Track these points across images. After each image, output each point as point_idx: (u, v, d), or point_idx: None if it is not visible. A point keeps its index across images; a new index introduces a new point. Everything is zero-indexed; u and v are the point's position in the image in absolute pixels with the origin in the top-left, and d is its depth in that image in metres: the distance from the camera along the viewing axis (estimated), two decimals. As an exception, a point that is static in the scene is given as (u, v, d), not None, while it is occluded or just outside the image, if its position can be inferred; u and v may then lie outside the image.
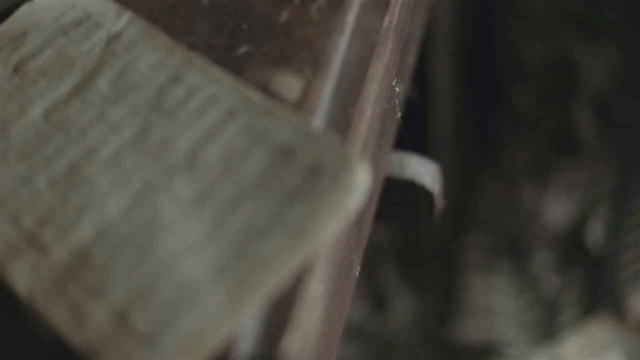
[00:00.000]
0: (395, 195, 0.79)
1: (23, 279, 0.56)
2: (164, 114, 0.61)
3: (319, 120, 0.61)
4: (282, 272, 0.54)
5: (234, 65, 0.63)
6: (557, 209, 1.30)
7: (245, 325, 0.54)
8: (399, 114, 0.76)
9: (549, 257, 1.29)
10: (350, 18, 0.66)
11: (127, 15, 0.66)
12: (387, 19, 0.68)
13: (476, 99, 1.31)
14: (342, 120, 0.62)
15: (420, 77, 0.98)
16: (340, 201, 0.55)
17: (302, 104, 0.62)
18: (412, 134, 0.81)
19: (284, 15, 0.67)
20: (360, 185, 0.56)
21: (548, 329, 1.26)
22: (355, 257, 0.70)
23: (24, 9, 0.68)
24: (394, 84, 0.71)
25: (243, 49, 0.65)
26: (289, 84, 0.63)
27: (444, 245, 1.24)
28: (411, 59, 0.84)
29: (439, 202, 0.84)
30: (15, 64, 0.65)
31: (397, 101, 0.73)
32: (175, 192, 0.57)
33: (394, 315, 1.23)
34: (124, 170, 0.59)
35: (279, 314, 0.55)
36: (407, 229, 1.00)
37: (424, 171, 0.82)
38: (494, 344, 1.27)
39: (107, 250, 0.56)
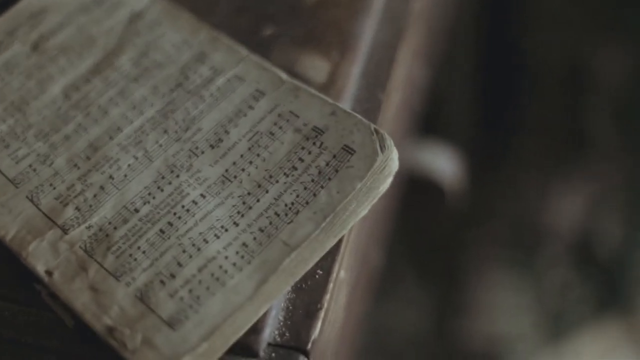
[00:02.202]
0: (414, 184, 0.78)
1: (43, 260, 0.54)
2: (188, 93, 0.59)
3: (346, 103, 0.60)
4: (311, 257, 0.53)
5: (260, 47, 0.62)
6: (568, 204, 1.29)
7: (271, 311, 0.53)
8: (422, 101, 0.75)
9: (559, 253, 1.28)
10: (378, 1, 0.65)
11: (150, -6, 0.65)
12: (416, 4, 0.66)
13: (490, 93, 1.30)
14: (370, 103, 0.61)
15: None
16: (371, 185, 0.54)
17: (330, 87, 0.60)
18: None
19: (310, -3, 0.66)
20: (391, 169, 0.55)
21: (556, 326, 1.25)
22: (375, 248, 0.68)
23: (43, -15, 0.66)
24: (420, 69, 0.70)
25: (268, 31, 0.64)
26: (316, 66, 0.62)
27: (452, 237, 1.23)
28: (439, 47, 0.82)
29: (456, 192, 0.82)
30: (34, 41, 0.64)
31: (421, 87, 0.71)
32: (199, 173, 0.56)
33: (399, 305, 1.22)
34: (145, 150, 0.57)
35: (307, 301, 0.54)
36: (415, 218, 0.99)
37: (443, 160, 0.80)
38: (500, 340, 1.26)
39: (128, 231, 0.54)
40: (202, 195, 0.54)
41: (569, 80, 1.29)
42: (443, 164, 0.80)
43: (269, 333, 0.52)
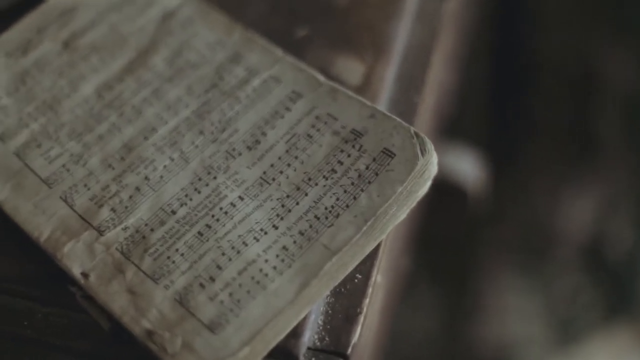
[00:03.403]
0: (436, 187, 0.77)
1: (78, 261, 0.53)
2: (223, 94, 0.59)
3: (381, 105, 0.59)
4: (351, 261, 0.52)
5: (293, 48, 0.61)
6: (578, 208, 1.29)
7: (311, 315, 0.52)
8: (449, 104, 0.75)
9: (569, 257, 1.28)
10: (411, 3, 0.64)
11: (183, -8, 0.64)
12: (448, 5, 0.66)
13: (500, 96, 1.30)
14: (405, 106, 0.60)
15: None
16: (411, 188, 0.53)
17: (364, 89, 0.60)
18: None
19: (343, -1, 0.65)
20: (430, 173, 0.54)
21: (567, 330, 1.24)
22: (405, 252, 0.68)
23: (73, -17, 0.65)
24: (448, 72, 0.69)
25: (301, 32, 0.63)
26: (351, 68, 0.61)
27: (464, 241, 1.22)
28: (464, 49, 0.82)
29: (478, 195, 0.82)
30: (65, 39, 0.63)
31: (448, 90, 0.71)
32: (237, 175, 0.55)
33: (409, 308, 1.21)
34: (181, 150, 0.57)
35: (346, 305, 0.53)
36: (434, 221, 0.98)
37: (466, 163, 0.80)
38: (510, 344, 1.25)
39: (165, 233, 0.53)
40: (240, 198, 0.54)
41: (579, 84, 1.29)
42: (466, 166, 0.79)
43: (308, 337, 0.51)
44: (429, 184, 0.54)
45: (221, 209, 0.53)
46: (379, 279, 0.55)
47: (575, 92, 1.28)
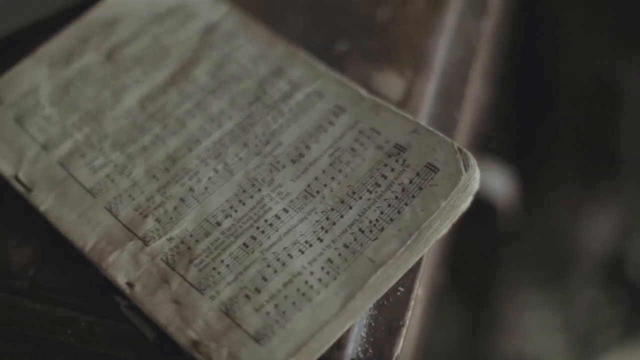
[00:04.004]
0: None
1: (124, 271, 0.54)
2: (267, 107, 0.59)
3: (422, 120, 0.60)
4: (395, 274, 0.53)
5: (333, 62, 0.62)
6: (598, 225, 1.29)
7: (354, 327, 0.53)
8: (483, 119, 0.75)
9: (589, 273, 1.28)
10: (450, 19, 0.65)
11: (225, 6, 0.65)
12: (486, 23, 0.66)
13: (519, 114, 1.30)
14: (445, 121, 0.61)
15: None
16: (454, 203, 0.54)
17: (405, 104, 0.61)
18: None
19: (383, 14, 0.66)
20: (473, 188, 0.55)
21: (586, 346, 1.24)
22: (441, 266, 0.68)
23: (116, -5, 0.66)
24: (484, 88, 0.70)
25: (342, 46, 0.64)
26: (391, 83, 0.62)
27: (485, 255, 1.23)
28: (496, 67, 0.83)
29: (508, 211, 0.82)
30: (108, 50, 0.63)
31: (483, 105, 0.71)
32: (281, 188, 0.56)
33: (430, 322, 1.22)
34: (225, 163, 0.57)
35: (389, 317, 0.54)
36: (461, 235, 0.99)
37: (496, 178, 0.80)
38: (529, 359, 1.25)
39: (211, 245, 0.54)
40: (285, 210, 0.54)
41: (600, 101, 1.29)
42: (497, 182, 0.80)
43: (352, 349, 0.52)
44: (470, 198, 0.54)
45: (266, 221, 0.54)
46: (420, 292, 0.56)
47: (596, 110, 1.28)
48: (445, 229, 0.54)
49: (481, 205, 0.57)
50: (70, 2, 0.66)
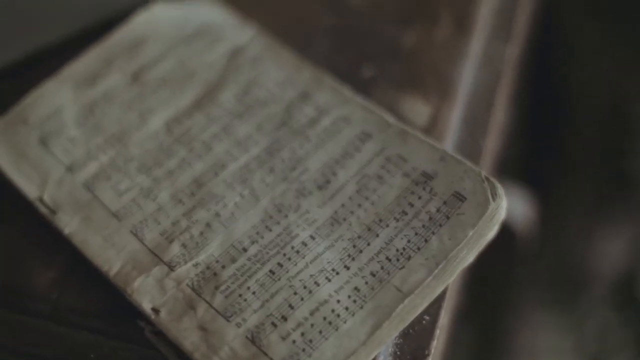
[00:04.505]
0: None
1: (149, 297, 0.53)
2: (293, 133, 0.59)
3: (447, 147, 0.60)
4: (422, 303, 0.53)
5: (359, 87, 0.62)
6: (611, 247, 1.29)
7: (379, 356, 0.53)
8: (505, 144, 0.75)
9: (601, 295, 1.28)
10: (475, 46, 0.65)
11: (251, 29, 0.65)
12: (512, 49, 0.66)
13: (531, 135, 1.30)
14: (471, 148, 0.61)
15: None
16: (481, 232, 0.54)
17: (431, 130, 0.60)
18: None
19: (409, 40, 0.66)
20: (500, 217, 0.55)
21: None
22: (462, 291, 0.68)
23: (141, 16, 0.66)
24: (508, 113, 0.70)
25: (367, 71, 0.64)
26: (417, 109, 0.61)
27: (496, 276, 1.22)
28: (519, 92, 0.83)
29: (527, 234, 0.82)
30: (133, 72, 0.63)
31: (506, 131, 0.71)
32: (308, 214, 0.56)
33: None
34: (252, 188, 0.57)
35: (414, 346, 0.54)
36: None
37: (516, 201, 0.80)
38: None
39: (237, 271, 0.54)
40: (312, 237, 0.54)
41: (613, 122, 1.29)
42: (516, 205, 0.80)
43: (378, 378, 0.52)
44: (497, 227, 0.54)
45: (293, 247, 0.54)
46: (446, 318, 0.55)
47: (610, 132, 1.28)
48: (471, 257, 0.54)
49: (501, 229, 0.56)
50: (94, 23, 0.65)
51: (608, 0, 1.25)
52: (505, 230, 0.55)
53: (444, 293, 0.55)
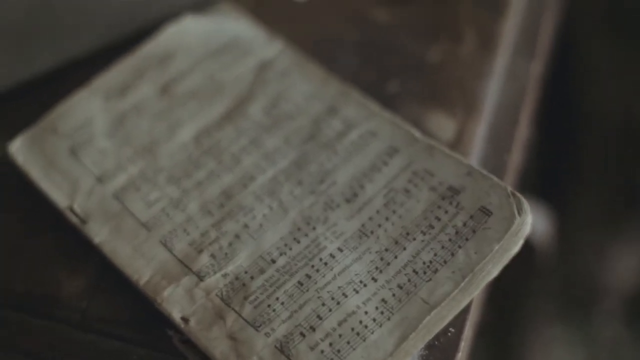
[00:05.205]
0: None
1: (178, 306, 0.54)
2: (321, 146, 0.60)
3: (473, 162, 0.60)
4: (447, 315, 0.53)
5: (385, 102, 0.62)
6: (624, 262, 1.29)
7: (406, 367, 0.53)
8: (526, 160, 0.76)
9: (614, 311, 1.28)
10: (500, 63, 0.66)
11: (279, 44, 0.66)
12: (536, 65, 0.67)
13: (543, 149, 1.31)
14: (495, 163, 0.62)
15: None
16: (506, 246, 0.54)
17: (456, 145, 0.61)
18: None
19: (433, 55, 0.67)
20: (525, 232, 0.55)
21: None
22: (482, 304, 0.69)
23: (170, 29, 0.67)
24: (530, 129, 0.71)
25: (392, 86, 0.65)
26: (442, 124, 0.62)
27: (509, 291, 1.23)
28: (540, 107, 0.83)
29: (546, 250, 0.83)
30: (163, 84, 0.64)
31: (527, 146, 0.72)
32: (335, 227, 0.56)
33: None
34: (280, 200, 0.58)
35: (439, 358, 0.54)
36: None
37: (536, 217, 0.81)
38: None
39: (265, 282, 0.55)
40: (340, 249, 0.55)
41: (626, 139, 1.30)
42: (537, 221, 0.80)
43: (403, 390, 0.52)
44: (521, 242, 0.55)
45: (321, 259, 0.55)
46: (470, 332, 0.56)
47: (624, 149, 1.29)
48: (496, 271, 0.54)
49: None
50: (125, 35, 0.66)
51: (623, 20, 1.26)
52: (526, 245, 0.56)
53: (469, 306, 0.55)
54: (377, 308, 0.52)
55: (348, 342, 0.51)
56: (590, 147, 1.31)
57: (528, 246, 0.77)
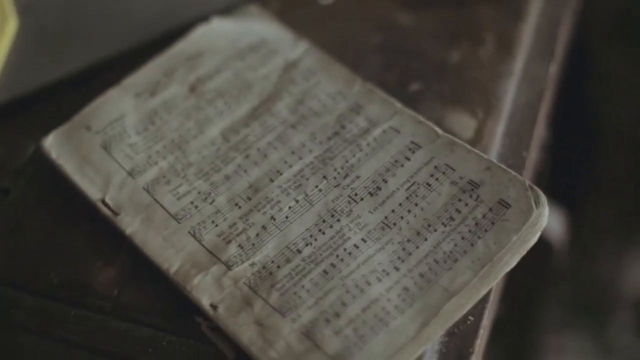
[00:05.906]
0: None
1: (207, 294, 0.56)
2: (345, 142, 0.62)
3: (492, 158, 0.62)
4: (467, 303, 0.55)
5: (407, 102, 0.64)
6: (638, 272, 1.30)
7: (426, 352, 0.55)
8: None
9: (629, 320, 1.29)
10: (519, 64, 0.68)
11: (304, 44, 0.68)
12: (553, 68, 0.69)
13: (558, 155, 1.32)
14: (514, 161, 0.63)
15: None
16: (524, 238, 0.56)
17: (476, 143, 0.63)
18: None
19: (454, 57, 0.68)
20: (542, 224, 0.57)
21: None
22: (501, 299, 0.70)
23: (199, 30, 0.69)
24: (546, 129, 0.73)
25: (415, 87, 0.67)
26: (463, 122, 0.64)
27: (524, 297, 1.24)
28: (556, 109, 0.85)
29: (562, 251, 0.84)
30: (191, 83, 0.66)
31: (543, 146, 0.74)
32: (359, 219, 0.58)
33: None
34: (305, 193, 0.60)
35: (459, 345, 0.56)
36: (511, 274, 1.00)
37: (552, 218, 0.82)
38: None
39: (292, 270, 0.56)
40: (363, 240, 0.57)
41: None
42: (552, 222, 0.82)
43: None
44: (539, 234, 0.57)
45: (345, 249, 0.56)
46: (488, 320, 0.58)
47: (638, 156, 1.30)
48: (514, 262, 0.56)
49: (538, 242, 0.59)
50: (156, 36, 0.69)
51: (634, 27, 1.27)
52: (543, 246, 0.58)
53: (487, 295, 0.57)
54: (399, 295, 0.54)
55: (371, 328, 0.53)
56: (606, 155, 1.32)
57: (547, 247, 0.79)
